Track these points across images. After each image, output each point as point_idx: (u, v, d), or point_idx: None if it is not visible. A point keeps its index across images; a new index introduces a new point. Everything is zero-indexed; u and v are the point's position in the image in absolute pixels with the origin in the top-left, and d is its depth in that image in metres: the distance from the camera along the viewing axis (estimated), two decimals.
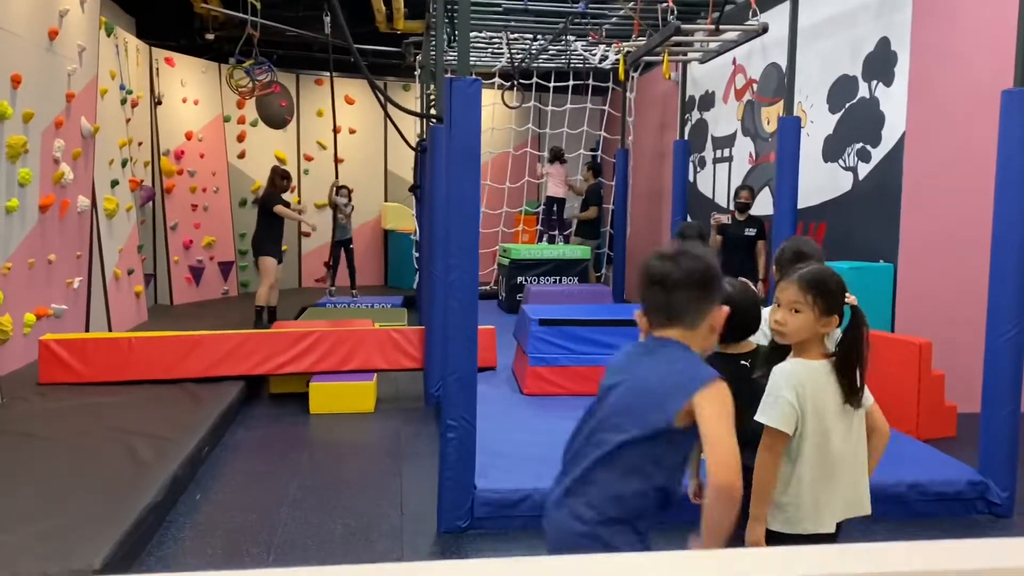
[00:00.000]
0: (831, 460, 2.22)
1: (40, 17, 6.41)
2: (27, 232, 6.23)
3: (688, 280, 1.83)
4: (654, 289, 1.87)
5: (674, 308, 1.86)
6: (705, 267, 1.85)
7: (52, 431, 4.59)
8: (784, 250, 3.20)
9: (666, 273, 1.84)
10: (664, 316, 1.88)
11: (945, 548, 0.81)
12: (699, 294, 1.85)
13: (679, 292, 1.84)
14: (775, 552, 0.81)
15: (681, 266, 1.83)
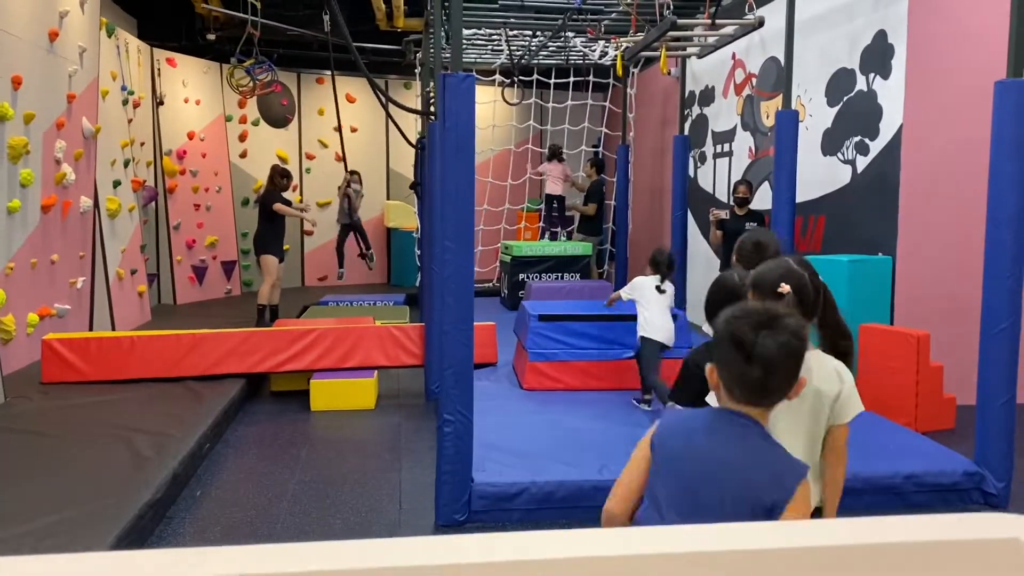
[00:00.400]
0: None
1: (40, 18, 6.45)
2: (29, 232, 6.28)
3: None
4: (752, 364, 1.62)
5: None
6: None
7: (54, 429, 4.63)
8: (744, 243, 3.27)
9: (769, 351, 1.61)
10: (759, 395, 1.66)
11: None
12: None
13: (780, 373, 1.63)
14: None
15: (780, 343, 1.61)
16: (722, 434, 1.65)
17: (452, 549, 0.77)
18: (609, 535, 0.82)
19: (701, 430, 1.67)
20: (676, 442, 1.67)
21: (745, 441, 1.63)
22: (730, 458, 1.61)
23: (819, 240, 6.80)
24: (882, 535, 0.83)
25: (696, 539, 0.81)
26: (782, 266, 2.21)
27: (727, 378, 1.67)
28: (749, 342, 1.60)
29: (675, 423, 1.73)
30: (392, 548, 0.76)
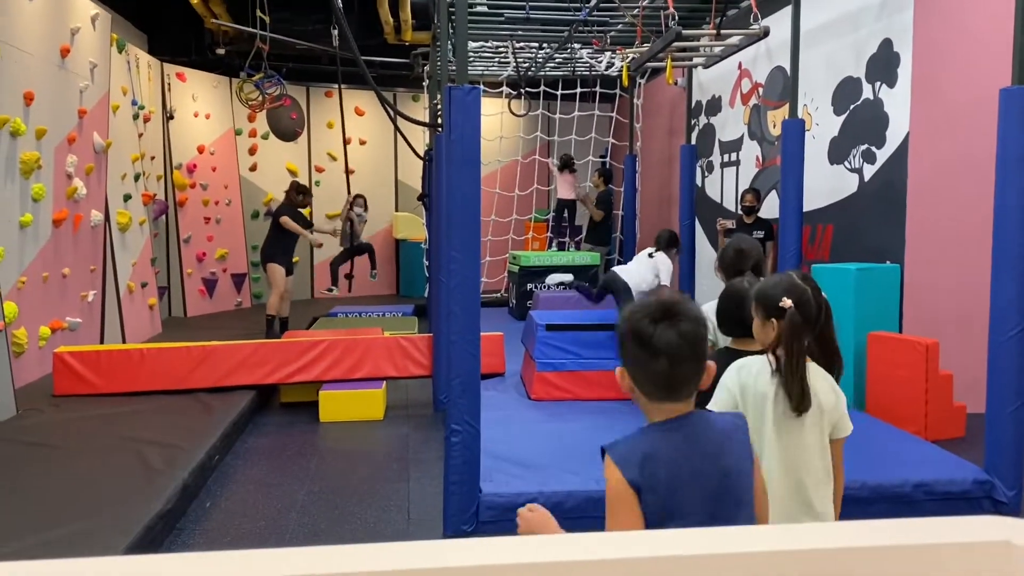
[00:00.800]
0: (769, 463, 2.14)
1: (52, 35, 6.53)
2: (41, 247, 6.34)
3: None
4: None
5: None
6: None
7: (65, 441, 4.66)
8: (726, 250, 3.28)
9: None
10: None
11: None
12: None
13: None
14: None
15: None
16: (678, 441, 1.60)
17: (456, 552, 0.78)
18: (614, 538, 0.83)
19: (662, 449, 1.60)
20: (653, 470, 1.58)
21: (699, 436, 1.62)
22: (699, 461, 1.59)
23: (827, 248, 6.79)
24: (873, 538, 0.84)
25: (690, 543, 0.82)
26: (785, 281, 2.21)
27: (638, 377, 1.62)
28: (648, 334, 1.57)
29: (633, 455, 1.60)
30: (395, 552, 0.78)
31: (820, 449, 2.16)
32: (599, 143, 11.78)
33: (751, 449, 1.66)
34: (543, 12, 7.55)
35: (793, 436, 2.13)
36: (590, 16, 6.85)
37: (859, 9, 6.40)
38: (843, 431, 2.20)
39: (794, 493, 2.15)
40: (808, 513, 2.14)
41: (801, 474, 2.14)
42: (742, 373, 2.22)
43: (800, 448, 2.14)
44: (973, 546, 0.82)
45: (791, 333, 2.11)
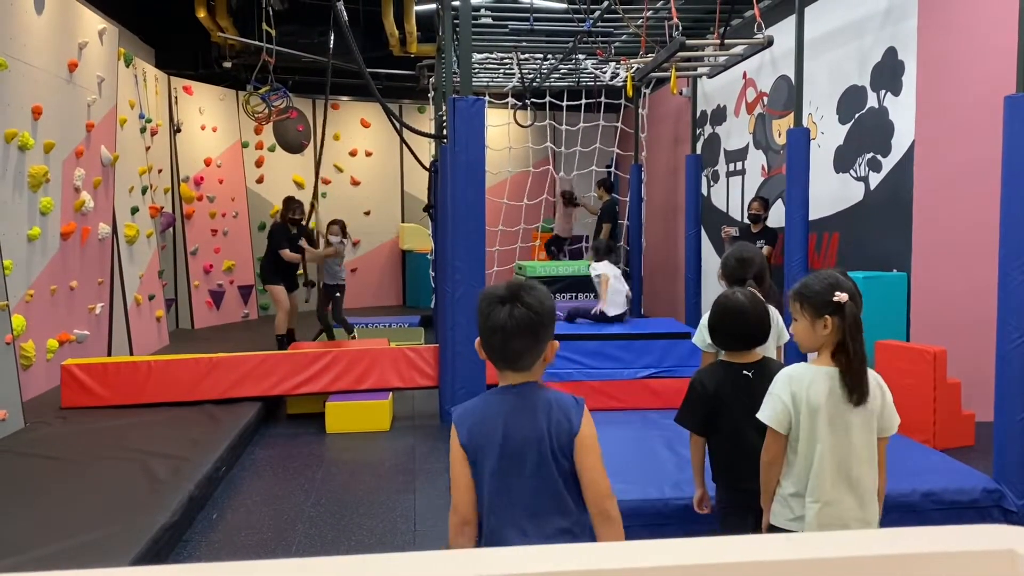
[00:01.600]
0: (822, 467, 2.23)
1: (60, 50, 6.58)
2: (49, 259, 6.37)
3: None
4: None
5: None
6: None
7: (72, 453, 4.67)
8: (728, 258, 3.28)
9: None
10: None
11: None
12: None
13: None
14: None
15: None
16: (509, 406, 1.87)
17: (461, 563, 0.78)
18: (610, 548, 0.83)
19: (491, 413, 1.88)
20: (477, 428, 1.88)
21: (526, 402, 1.86)
22: (518, 424, 1.84)
23: (833, 257, 6.78)
24: (879, 547, 0.83)
25: (697, 552, 0.82)
26: (830, 278, 2.29)
27: (484, 348, 1.90)
28: (485, 313, 1.85)
29: (467, 415, 1.92)
30: (402, 561, 0.78)
31: (868, 449, 2.25)
32: (604, 153, 11.78)
33: (573, 426, 1.83)
34: (547, 23, 7.59)
35: (843, 437, 2.22)
36: (594, 27, 6.88)
37: (863, 18, 6.41)
38: (887, 431, 2.31)
39: (847, 493, 2.23)
40: (859, 510, 2.24)
41: (852, 472, 2.23)
42: (793, 384, 2.28)
43: (849, 448, 2.22)
44: (978, 555, 0.82)
45: (854, 323, 2.22)
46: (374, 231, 12.57)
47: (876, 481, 2.30)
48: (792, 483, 2.33)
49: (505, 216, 11.50)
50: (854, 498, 2.25)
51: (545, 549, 0.80)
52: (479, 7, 7.33)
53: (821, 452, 2.23)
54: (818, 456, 2.24)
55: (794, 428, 2.28)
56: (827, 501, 2.24)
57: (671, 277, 10.76)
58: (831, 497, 2.24)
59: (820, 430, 2.23)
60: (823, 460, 2.24)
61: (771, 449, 2.34)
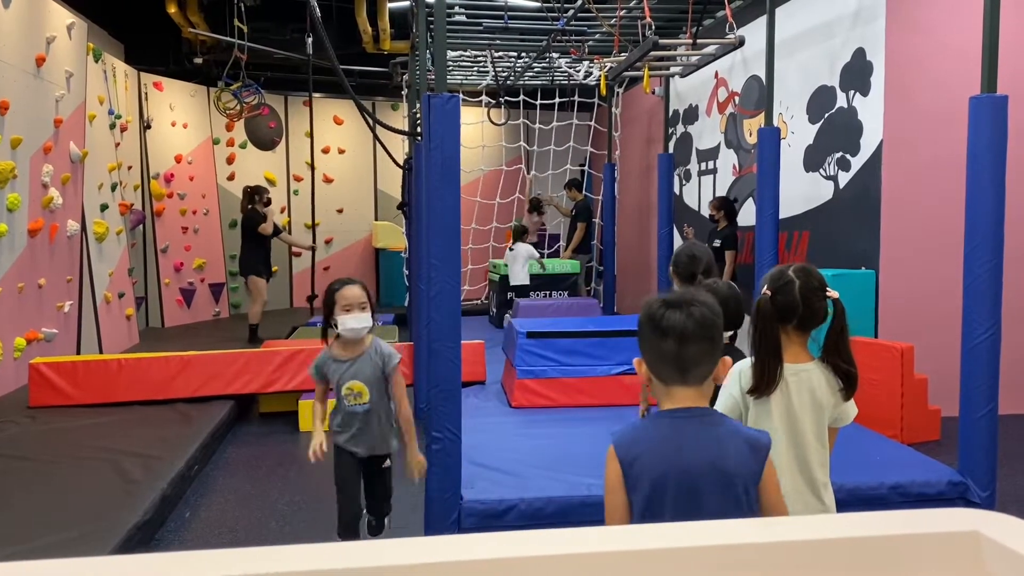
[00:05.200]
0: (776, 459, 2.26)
1: (27, 44, 6.48)
2: (16, 257, 6.27)
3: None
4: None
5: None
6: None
7: (41, 453, 4.61)
8: (679, 255, 3.42)
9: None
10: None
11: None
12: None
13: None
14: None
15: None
16: (688, 433, 1.70)
17: (435, 548, 0.80)
18: (586, 533, 0.85)
19: (662, 438, 1.71)
20: (646, 456, 1.70)
21: (708, 430, 1.70)
22: (699, 456, 1.67)
23: (803, 255, 6.87)
24: (848, 530, 0.86)
25: (675, 535, 0.84)
26: (776, 270, 2.32)
27: (651, 361, 1.74)
28: (658, 316, 1.69)
29: (632, 438, 1.75)
30: (374, 549, 0.79)
31: (818, 443, 2.26)
32: (578, 152, 11.84)
33: (762, 464, 1.70)
34: (521, 21, 7.61)
35: (796, 431, 2.23)
36: (568, 25, 6.91)
37: (832, 19, 6.49)
38: (841, 422, 2.33)
39: (805, 486, 2.26)
40: (817, 500, 2.27)
41: (805, 466, 2.25)
42: (742, 379, 2.27)
43: (804, 445, 2.24)
44: (943, 536, 0.85)
45: (758, 317, 2.21)
46: (347, 229, 12.52)
47: (827, 471, 2.32)
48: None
49: (478, 215, 11.51)
50: (810, 489, 2.28)
51: (521, 535, 0.82)
52: (453, 4, 7.32)
53: (776, 442, 2.20)
54: (775, 448, 2.26)
55: (744, 422, 2.30)
56: (784, 492, 2.25)
57: (644, 275, 10.83)
58: (787, 488, 2.23)
59: (773, 421, 2.24)
60: (779, 452, 2.22)
61: None
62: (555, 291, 10.06)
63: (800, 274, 2.24)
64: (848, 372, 2.22)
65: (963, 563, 0.83)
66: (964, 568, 0.83)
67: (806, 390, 2.22)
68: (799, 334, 2.26)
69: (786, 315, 2.22)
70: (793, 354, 2.24)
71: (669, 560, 0.81)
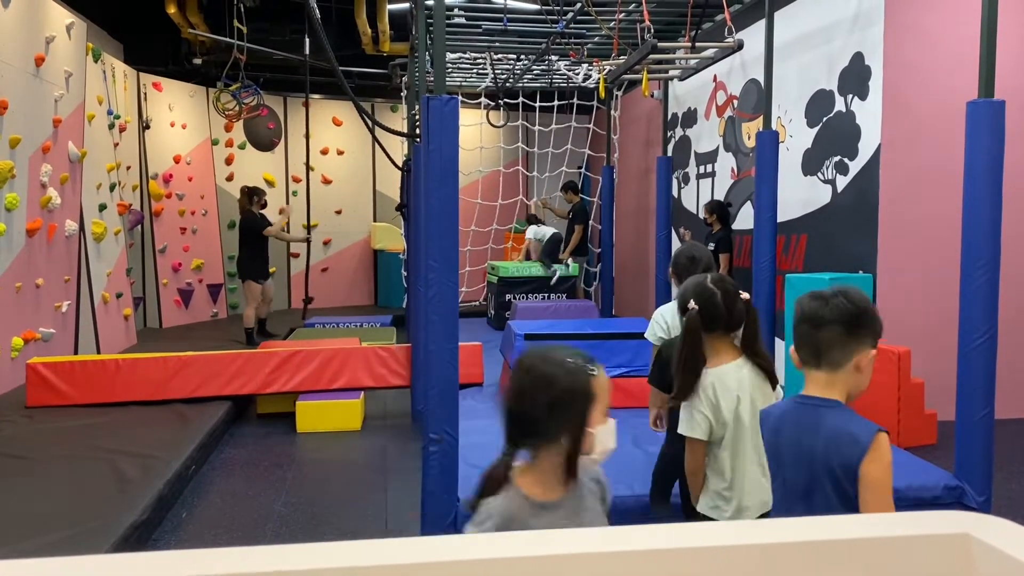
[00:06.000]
0: (743, 454, 2.43)
1: (27, 44, 6.49)
2: (14, 256, 6.27)
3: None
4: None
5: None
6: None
7: (38, 453, 4.61)
8: (678, 256, 3.51)
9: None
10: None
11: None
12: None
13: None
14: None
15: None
16: (804, 420, 1.89)
17: (431, 548, 0.80)
18: (583, 534, 0.85)
19: (786, 422, 1.93)
20: (771, 436, 1.97)
21: (818, 421, 1.86)
22: (808, 440, 1.86)
23: (801, 259, 6.88)
24: (841, 532, 0.86)
25: (667, 538, 0.84)
26: (697, 283, 2.49)
27: (796, 344, 1.92)
28: (803, 303, 1.89)
29: (768, 417, 2.01)
30: (371, 549, 0.80)
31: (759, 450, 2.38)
32: (576, 154, 11.85)
33: (854, 468, 1.80)
34: (520, 24, 7.62)
35: (750, 422, 2.40)
36: (567, 28, 6.92)
37: (831, 23, 6.51)
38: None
39: (762, 472, 2.40)
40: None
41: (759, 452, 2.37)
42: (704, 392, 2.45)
43: (757, 433, 2.35)
44: (935, 538, 0.85)
45: (689, 331, 2.41)
46: (346, 230, 12.52)
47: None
48: (714, 473, 2.50)
49: (478, 217, 11.52)
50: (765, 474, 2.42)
51: (539, 535, 0.82)
52: (452, 7, 7.34)
53: (744, 440, 2.42)
54: (745, 444, 2.42)
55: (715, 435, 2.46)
56: (748, 491, 2.43)
57: (642, 278, 10.83)
58: (754, 476, 2.43)
59: (722, 419, 2.41)
60: (747, 447, 2.42)
61: (694, 457, 2.53)
62: (553, 293, 10.06)
63: (719, 284, 2.45)
64: (766, 368, 2.44)
65: (954, 565, 0.84)
66: (955, 570, 0.83)
67: (751, 382, 2.42)
68: (724, 336, 2.47)
69: (713, 323, 2.42)
70: (727, 354, 2.46)
71: (665, 561, 0.81)
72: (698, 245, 3.78)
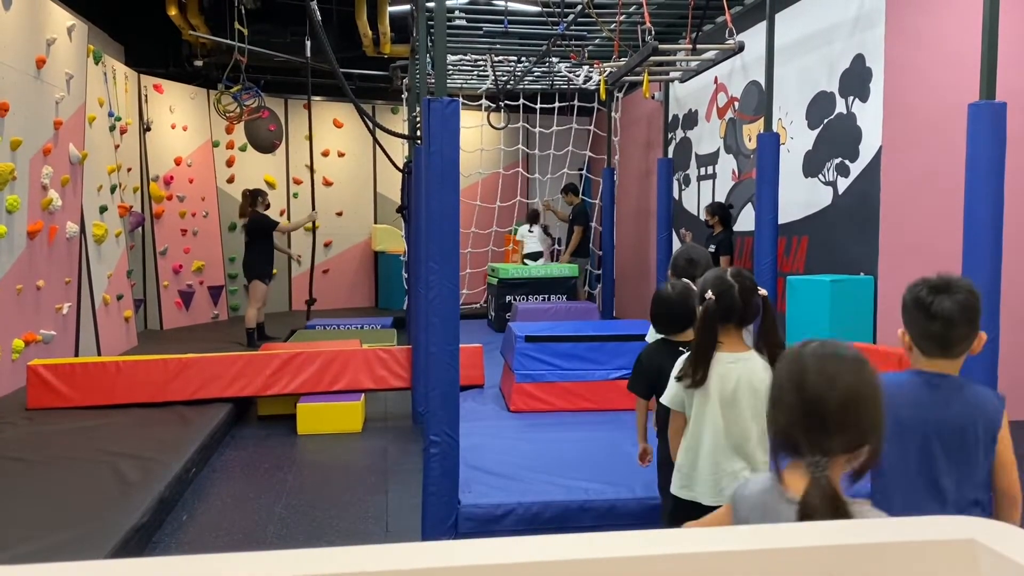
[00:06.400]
0: (710, 439, 2.51)
1: (27, 46, 6.49)
2: (15, 258, 6.27)
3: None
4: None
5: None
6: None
7: (39, 455, 4.61)
8: (677, 258, 3.56)
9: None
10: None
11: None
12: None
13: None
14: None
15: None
16: (940, 394, 2.02)
17: (434, 554, 0.80)
18: (585, 539, 0.85)
19: (909, 396, 2.03)
20: (897, 410, 1.96)
21: (956, 393, 2.02)
22: (938, 413, 2.01)
23: (802, 261, 6.88)
24: (845, 537, 0.86)
25: (659, 543, 0.84)
26: (717, 275, 2.54)
27: (915, 336, 2.06)
28: (928, 302, 2.00)
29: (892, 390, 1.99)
30: (374, 554, 0.79)
31: (757, 425, 2.47)
32: (577, 156, 11.86)
33: (998, 426, 2.01)
34: (521, 26, 7.62)
35: (734, 413, 2.47)
36: (568, 30, 6.91)
37: (832, 25, 6.51)
38: None
39: (736, 450, 2.50)
40: (749, 463, 2.50)
41: (740, 440, 2.48)
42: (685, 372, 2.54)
43: (739, 423, 2.48)
44: (940, 544, 0.85)
45: (706, 319, 2.47)
46: (346, 232, 12.52)
47: (766, 451, 2.49)
48: (685, 455, 2.60)
49: (478, 219, 11.53)
50: (751, 468, 2.49)
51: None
52: (453, 9, 7.34)
53: (712, 421, 2.49)
54: (708, 426, 2.50)
55: (688, 409, 2.57)
56: (711, 459, 2.52)
57: (643, 280, 10.83)
58: (728, 469, 2.50)
59: (711, 404, 2.49)
60: (712, 430, 2.49)
61: (674, 423, 2.69)
62: (553, 295, 10.06)
63: (738, 278, 2.50)
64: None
65: (959, 571, 0.83)
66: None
67: (744, 376, 2.47)
68: (737, 329, 2.53)
69: (728, 315, 2.48)
70: (733, 345, 2.52)
71: (666, 566, 0.81)
72: (696, 246, 3.80)
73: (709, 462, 2.51)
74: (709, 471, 2.51)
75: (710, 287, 2.49)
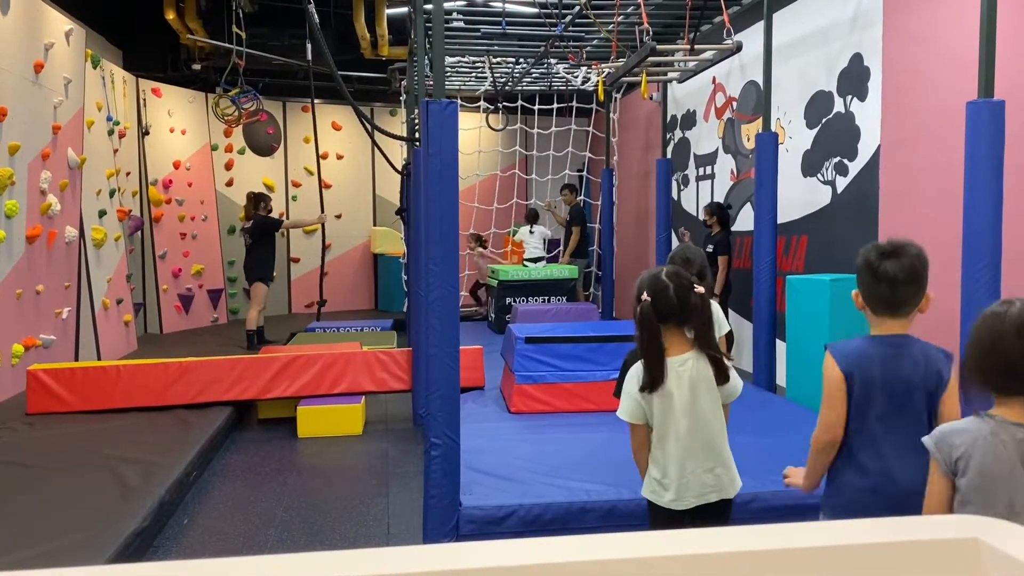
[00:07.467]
0: (677, 442, 2.51)
1: (26, 50, 6.49)
2: (14, 263, 6.27)
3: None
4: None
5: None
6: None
7: (39, 459, 4.60)
8: (673, 257, 3.57)
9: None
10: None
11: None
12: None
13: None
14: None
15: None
16: (889, 353, 2.17)
17: (437, 557, 0.79)
18: (587, 541, 0.84)
19: (877, 356, 2.18)
20: (861, 365, 2.17)
21: (905, 351, 2.18)
22: (904, 369, 2.16)
23: (802, 260, 6.88)
24: (849, 537, 0.86)
25: (661, 544, 0.84)
26: (652, 276, 2.55)
27: (865, 297, 2.21)
28: (875, 265, 2.14)
29: (848, 351, 2.21)
30: (377, 557, 0.79)
31: (716, 417, 2.54)
32: (576, 157, 11.86)
33: (945, 378, 2.16)
34: (519, 28, 7.63)
35: (697, 415, 2.50)
36: (566, 31, 6.92)
37: (830, 25, 6.51)
38: (731, 398, 2.61)
39: (704, 449, 2.52)
40: (717, 461, 2.54)
41: (706, 436, 2.52)
42: (641, 382, 2.53)
43: (702, 419, 2.51)
44: (943, 543, 0.85)
45: (643, 322, 2.48)
46: (346, 234, 12.53)
47: (727, 441, 2.58)
48: (652, 460, 2.61)
49: (476, 221, 11.53)
50: (720, 463, 2.53)
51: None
52: (451, 11, 7.34)
53: (676, 421, 2.50)
54: (675, 426, 2.50)
55: (649, 418, 2.56)
56: (693, 473, 2.52)
57: None
58: (696, 469, 2.51)
59: (675, 406, 2.50)
60: (680, 428, 2.50)
61: (635, 438, 2.66)
62: (553, 296, 10.05)
63: (673, 277, 2.51)
64: (716, 359, 2.51)
65: (963, 570, 0.83)
66: (964, 575, 0.83)
67: (697, 375, 2.49)
68: (678, 329, 2.52)
69: (666, 316, 2.48)
70: (678, 346, 2.52)
71: (668, 567, 0.81)
72: (691, 246, 3.81)
73: (676, 466, 2.50)
74: (677, 474, 2.51)
75: (646, 288, 2.50)
